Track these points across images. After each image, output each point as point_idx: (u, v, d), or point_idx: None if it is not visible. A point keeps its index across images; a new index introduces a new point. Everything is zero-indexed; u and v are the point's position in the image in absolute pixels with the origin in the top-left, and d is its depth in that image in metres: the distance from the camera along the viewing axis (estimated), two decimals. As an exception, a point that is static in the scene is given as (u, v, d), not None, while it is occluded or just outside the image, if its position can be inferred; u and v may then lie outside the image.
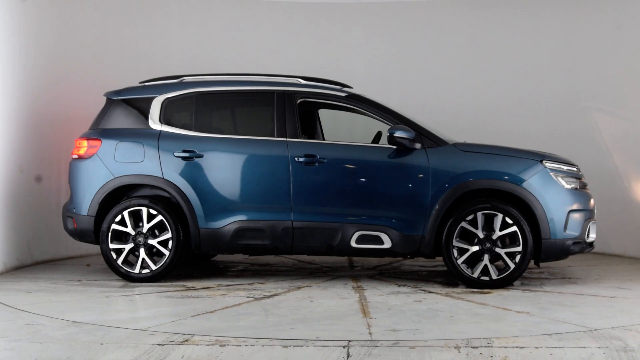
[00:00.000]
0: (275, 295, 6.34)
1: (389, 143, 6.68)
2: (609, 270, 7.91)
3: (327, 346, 4.64)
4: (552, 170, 6.65)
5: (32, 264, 7.96)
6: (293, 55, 9.68)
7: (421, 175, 6.62)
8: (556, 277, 7.36)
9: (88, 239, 7.04)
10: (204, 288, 6.68)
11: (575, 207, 6.61)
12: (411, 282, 6.99)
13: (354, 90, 7.10)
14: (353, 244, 6.68)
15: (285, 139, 6.78)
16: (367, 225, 6.66)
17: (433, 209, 6.57)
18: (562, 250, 6.60)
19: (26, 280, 7.14)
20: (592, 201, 6.83)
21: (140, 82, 7.41)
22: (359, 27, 9.88)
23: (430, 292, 6.51)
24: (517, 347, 4.63)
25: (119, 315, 5.64)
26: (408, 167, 6.64)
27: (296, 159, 6.71)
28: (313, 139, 7.51)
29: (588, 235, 6.75)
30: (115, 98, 7.23)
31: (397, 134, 6.58)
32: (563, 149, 8.29)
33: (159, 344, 4.67)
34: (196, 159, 6.82)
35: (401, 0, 9.80)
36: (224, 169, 6.79)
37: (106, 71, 8.91)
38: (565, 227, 6.55)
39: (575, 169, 6.84)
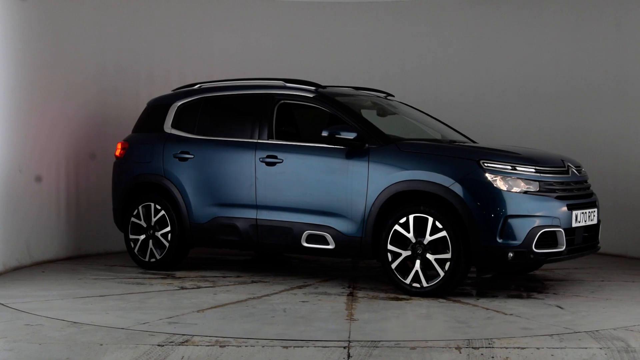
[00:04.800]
0: (206, 287, 6.69)
1: (327, 143, 6.58)
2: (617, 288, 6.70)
3: (328, 347, 4.64)
4: (492, 171, 6.05)
5: (31, 265, 7.94)
6: (293, 56, 9.68)
7: (360, 176, 6.46)
8: (533, 290, 6.58)
9: (120, 229, 7.96)
10: (180, 277, 7.21)
11: (516, 212, 5.95)
12: (371, 285, 6.79)
13: (326, 91, 7.06)
14: (303, 243, 6.73)
15: (255, 140, 7.03)
16: (314, 225, 6.66)
17: (370, 210, 6.40)
18: (498, 259, 5.98)
19: (25, 280, 7.13)
20: (561, 208, 6.12)
21: (172, 90, 8.02)
22: (359, 27, 9.87)
23: (352, 295, 6.34)
24: (518, 347, 4.62)
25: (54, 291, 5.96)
26: (349, 168, 6.52)
27: (260, 159, 6.92)
28: None
29: (542, 245, 6.02)
30: (150, 105, 8.03)
31: (340, 135, 6.47)
32: (563, 145, 8.30)
33: (158, 345, 4.67)
34: (189, 160, 7.38)
35: (401, 0, 9.80)
36: (208, 169, 7.26)
37: (106, 71, 8.90)
38: (500, 234, 5.94)
39: (532, 170, 6.14)
